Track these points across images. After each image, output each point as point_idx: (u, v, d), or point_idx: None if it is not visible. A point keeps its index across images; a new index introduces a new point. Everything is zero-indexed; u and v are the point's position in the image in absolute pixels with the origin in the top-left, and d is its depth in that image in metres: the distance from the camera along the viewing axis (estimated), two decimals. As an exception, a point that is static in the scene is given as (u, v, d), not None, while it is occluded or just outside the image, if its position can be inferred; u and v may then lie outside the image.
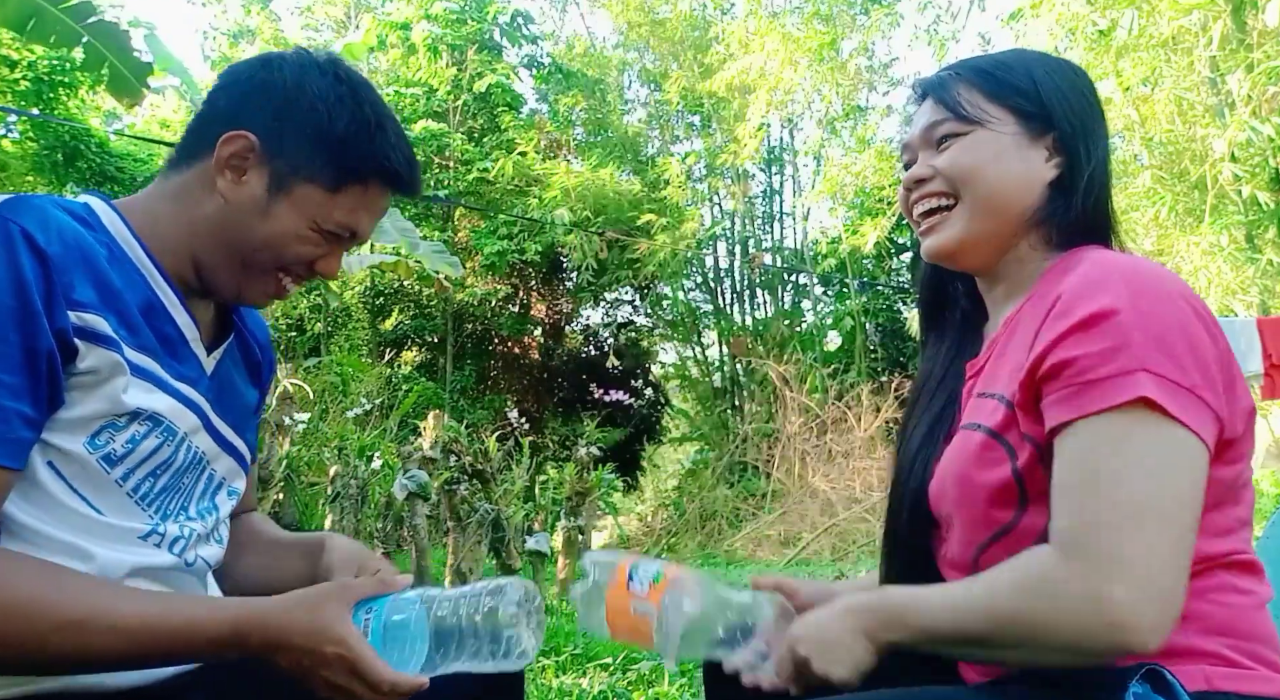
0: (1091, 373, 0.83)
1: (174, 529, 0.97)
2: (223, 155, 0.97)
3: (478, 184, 13.39)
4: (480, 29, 13.98)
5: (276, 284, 1.03)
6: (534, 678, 2.96)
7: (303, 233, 1.00)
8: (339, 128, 0.98)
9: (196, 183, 1.00)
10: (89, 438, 0.89)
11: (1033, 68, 1.01)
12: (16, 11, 4.93)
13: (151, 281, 0.97)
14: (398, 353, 13.26)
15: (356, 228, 1.03)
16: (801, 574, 7.14)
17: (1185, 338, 0.83)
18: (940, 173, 1.01)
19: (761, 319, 14.46)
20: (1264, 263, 7.24)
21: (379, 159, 1.00)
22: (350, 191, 1.00)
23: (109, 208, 0.98)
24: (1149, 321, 0.82)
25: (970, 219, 0.99)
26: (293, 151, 0.98)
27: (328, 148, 0.98)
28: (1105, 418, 0.81)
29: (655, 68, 14.70)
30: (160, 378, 0.95)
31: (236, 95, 1.01)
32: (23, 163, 9.15)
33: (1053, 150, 0.99)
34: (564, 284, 15.50)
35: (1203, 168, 7.32)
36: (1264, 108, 6.80)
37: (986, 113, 0.99)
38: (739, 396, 13.96)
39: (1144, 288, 0.85)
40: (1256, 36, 6.92)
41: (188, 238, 0.99)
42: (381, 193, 1.03)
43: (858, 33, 12.89)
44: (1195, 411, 0.81)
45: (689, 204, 13.31)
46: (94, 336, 0.87)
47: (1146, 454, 0.80)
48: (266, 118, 0.98)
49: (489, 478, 5.19)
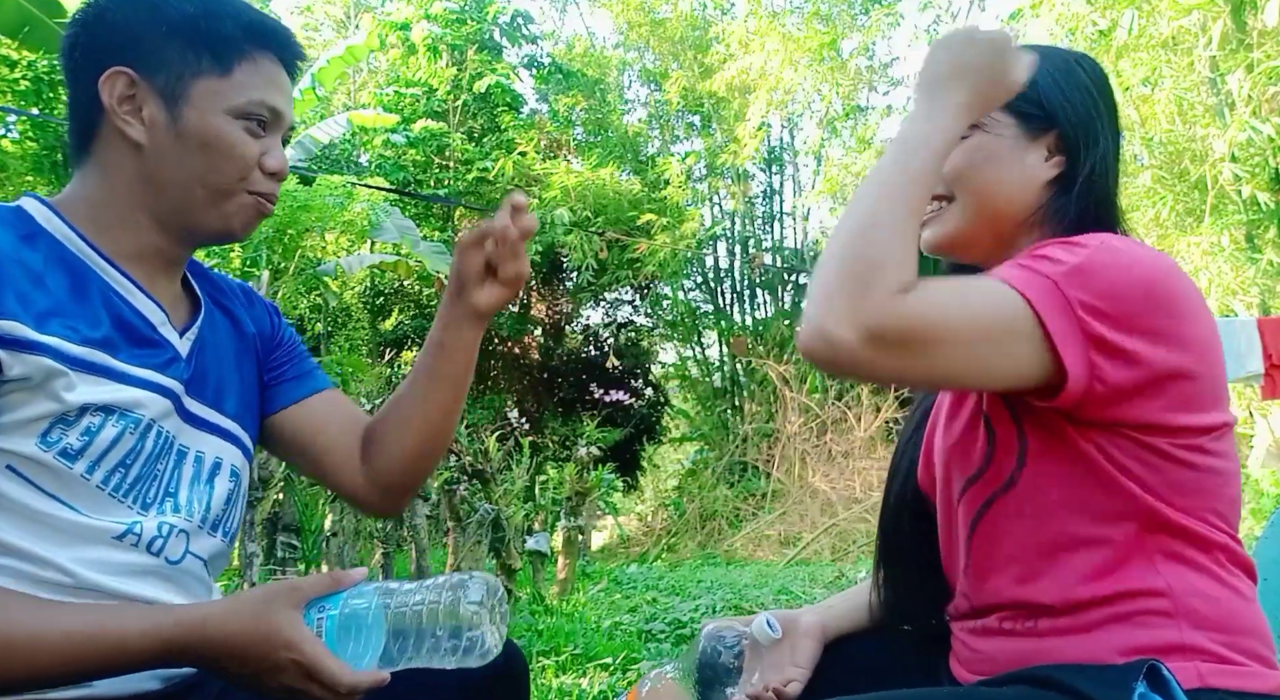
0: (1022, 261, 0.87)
1: (151, 527, 0.94)
2: (111, 103, 0.95)
3: (478, 184, 13.38)
4: (480, 29, 13.98)
5: (252, 203, 1.01)
6: (534, 678, 2.95)
7: (224, 129, 0.97)
8: (187, 11, 0.96)
9: (109, 149, 0.97)
10: (39, 437, 0.87)
11: (1035, 67, 1.00)
12: (12, 17, 4.96)
13: (99, 271, 0.95)
14: (398, 353, 13.25)
15: (269, 102, 1.00)
16: (802, 574, 7.14)
17: (1133, 286, 0.84)
18: None
19: (761, 319, 14.45)
20: (1264, 263, 7.23)
21: (243, 23, 0.99)
22: (241, 68, 0.98)
23: (44, 207, 0.96)
24: (1103, 259, 0.84)
25: (964, 217, 1.01)
26: (164, 59, 0.96)
27: (191, 36, 0.96)
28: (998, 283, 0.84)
29: (655, 68, 14.71)
30: (112, 368, 0.92)
31: (86, 44, 0.98)
32: (23, 163, 9.14)
33: (1054, 149, 0.99)
34: (564, 284, 15.49)
35: (1203, 168, 7.32)
36: (1264, 108, 6.81)
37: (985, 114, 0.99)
38: (739, 396, 13.96)
39: (1120, 246, 0.87)
40: (1256, 36, 6.92)
41: (133, 204, 0.98)
42: (270, 60, 1.01)
43: (858, 33, 12.90)
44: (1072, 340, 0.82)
45: (689, 204, 13.31)
46: (17, 344, 0.85)
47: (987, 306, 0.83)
48: (123, 44, 0.96)
49: (489, 478, 5.19)
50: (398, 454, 1.13)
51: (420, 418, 1.12)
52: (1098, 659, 0.86)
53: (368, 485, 1.15)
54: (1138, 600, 0.87)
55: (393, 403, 1.15)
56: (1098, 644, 0.87)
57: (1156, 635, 0.85)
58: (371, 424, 1.17)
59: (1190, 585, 0.86)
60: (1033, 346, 0.82)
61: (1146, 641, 0.85)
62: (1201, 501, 0.88)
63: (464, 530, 4.76)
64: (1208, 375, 0.88)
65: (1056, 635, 0.89)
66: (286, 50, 1.03)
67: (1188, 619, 0.85)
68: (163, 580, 0.96)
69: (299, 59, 1.04)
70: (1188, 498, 0.88)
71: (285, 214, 7.60)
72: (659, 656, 3.27)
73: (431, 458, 1.16)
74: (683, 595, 5.72)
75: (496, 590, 0.88)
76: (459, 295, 1.08)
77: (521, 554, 4.88)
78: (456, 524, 4.82)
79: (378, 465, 1.14)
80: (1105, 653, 0.86)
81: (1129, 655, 0.84)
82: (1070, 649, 0.88)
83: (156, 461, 0.97)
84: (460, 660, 0.87)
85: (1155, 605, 0.86)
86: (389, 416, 1.14)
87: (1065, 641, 0.89)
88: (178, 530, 0.97)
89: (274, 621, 0.83)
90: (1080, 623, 0.88)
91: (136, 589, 0.93)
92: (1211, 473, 0.88)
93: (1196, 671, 0.83)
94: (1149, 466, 0.87)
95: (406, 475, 1.15)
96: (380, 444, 1.14)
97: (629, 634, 3.89)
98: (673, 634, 4.00)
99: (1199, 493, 0.88)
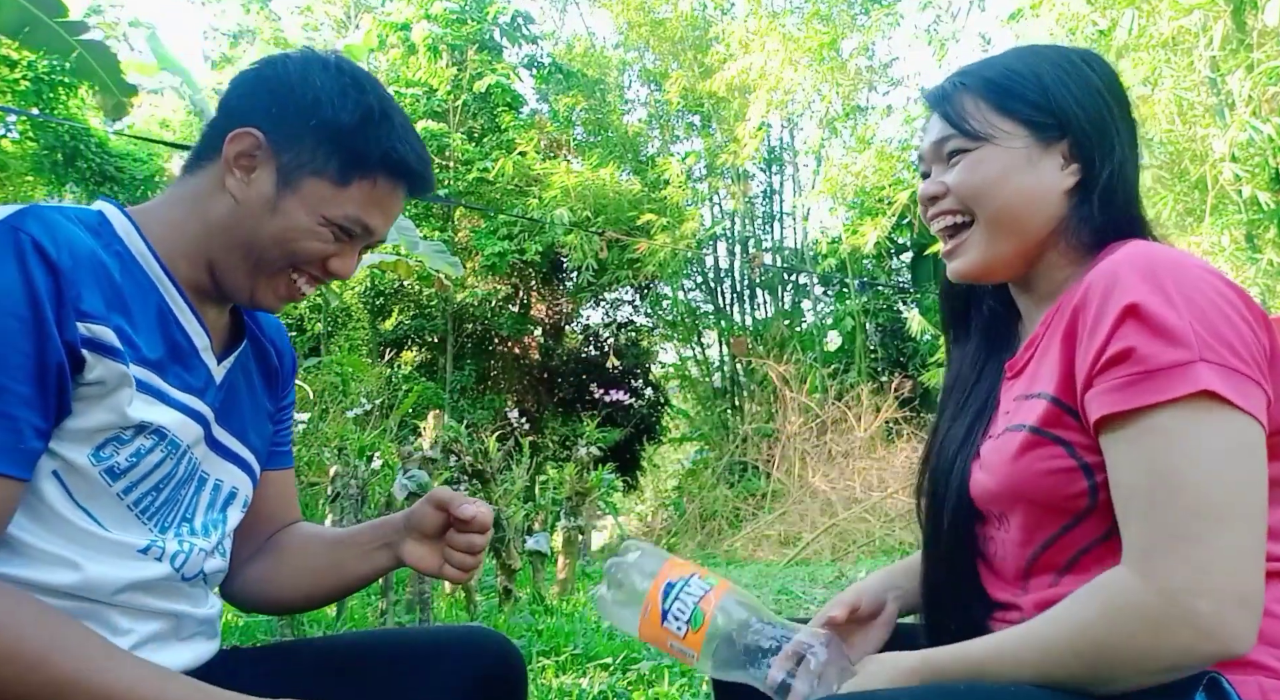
0: (1146, 363, 0.79)
1: (173, 544, 0.96)
2: (230, 154, 0.97)
3: (478, 184, 13.38)
4: (480, 29, 13.98)
5: (289, 286, 1.02)
6: (534, 678, 2.95)
7: (313, 228, 0.98)
8: (343, 119, 0.97)
9: (208, 185, 0.99)
10: (94, 450, 0.88)
11: (1043, 72, 0.97)
12: (13, 18, 4.98)
13: (163, 290, 0.97)
14: (398, 353, 13.26)
15: (368, 223, 1.01)
16: (802, 574, 7.14)
17: (1225, 319, 0.80)
18: (951, 190, 0.99)
19: (761, 319, 14.45)
20: (1264, 263, 7.23)
21: (384, 150, 0.99)
22: (359, 185, 0.99)
23: (122, 215, 0.98)
24: (1191, 307, 0.80)
25: (988, 239, 0.97)
26: (299, 146, 0.97)
27: (332, 140, 0.97)
28: (1167, 412, 0.78)
29: (655, 68, 14.70)
30: (162, 390, 0.94)
31: (242, 94, 1.01)
32: (23, 163, 9.15)
33: (1069, 156, 0.96)
34: (564, 284, 15.49)
35: (1203, 168, 7.32)
36: (1264, 108, 6.80)
37: (994, 126, 0.96)
38: (739, 396, 13.96)
39: (1172, 272, 0.82)
40: (1256, 36, 6.91)
41: (202, 241, 0.99)
42: (392, 188, 1.02)
43: (858, 33, 12.89)
44: (1253, 396, 0.78)
45: (689, 204, 13.31)
46: (101, 348, 0.87)
47: (1214, 450, 0.77)
48: (271, 113, 0.98)
49: (489, 478, 5.18)
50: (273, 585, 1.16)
51: (307, 584, 1.15)
52: None
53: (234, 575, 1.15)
54: None
55: (302, 543, 1.17)
56: None
57: None
58: (280, 538, 1.19)
59: None
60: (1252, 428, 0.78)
61: None
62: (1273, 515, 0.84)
63: (464, 530, 4.75)
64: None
65: None
66: (415, 184, 1.04)
67: None
68: (175, 594, 0.97)
69: (427, 191, 1.05)
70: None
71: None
72: (659, 656, 3.27)
73: (289, 606, 1.20)
74: (683, 595, 5.70)
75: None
76: (403, 527, 1.10)
77: (521, 554, 4.88)
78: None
79: (253, 573, 1.15)
80: None
81: None
82: None
83: (182, 487, 0.99)
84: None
85: None
86: (291, 552, 1.17)
87: None
88: (197, 549, 1.00)
89: None
90: None
91: (144, 600, 0.94)
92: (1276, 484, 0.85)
93: (1258, 687, 0.81)
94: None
95: (261, 601, 1.17)
96: (267, 563, 1.16)
97: (629, 634, 3.89)
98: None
99: (1273, 504, 0.84)
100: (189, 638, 1.01)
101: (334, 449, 6.29)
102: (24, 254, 0.82)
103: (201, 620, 1.03)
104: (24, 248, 0.83)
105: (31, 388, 0.82)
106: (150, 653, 0.92)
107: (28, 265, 0.82)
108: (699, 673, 0.97)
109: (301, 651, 1.18)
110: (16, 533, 0.86)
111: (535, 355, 15.64)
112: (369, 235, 1.03)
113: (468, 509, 1.04)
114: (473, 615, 4.19)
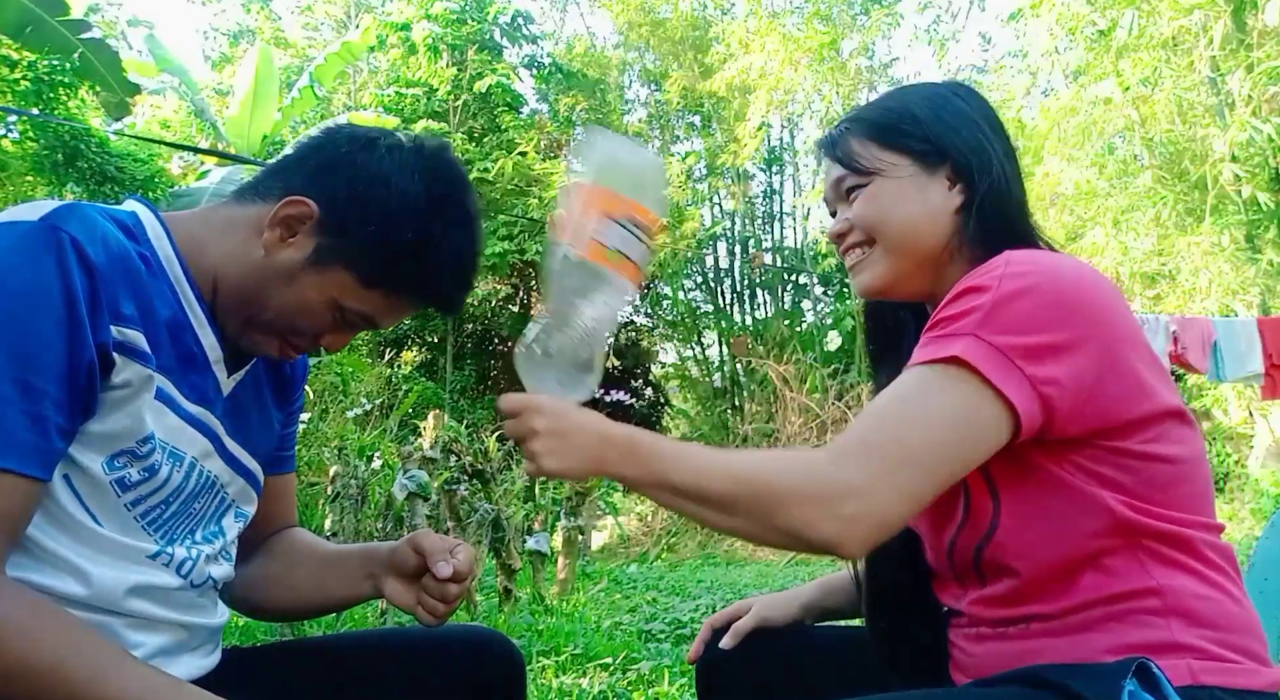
0: (937, 330, 0.90)
1: (181, 552, 0.96)
2: (280, 214, 0.96)
3: (478, 184, 13.35)
4: (480, 29, 13.98)
5: (279, 346, 1.02)
6: (534, 678, 2.95)
7: (318, 310, 0.98)
8: (397, 239, 0.96)
9: (248, 224, 0.99)
10: (108, 459, 0.88)
11: (914, 106, 1.05)
12: (15, 17, 4.98)
13: (183, 298, 0.97)
14: (398, 353, 13.25)
15: (377, 322, 1.02)
16: (802, 574, 7.14)
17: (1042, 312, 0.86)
18: (854, 224, 1.06)
19: (761, 319, 14.46)
20: (1264, 263, 7.24)
21: (420, 282, 0.99)
22: (382, 292, 0.99)
23: (155, 219, 0.97)
24: (1006, 293, 0.87)
25: (887, 258, 1.04)
26: (345, 239, 0.96)
27: (379, 250, 0.96)
28: (927, 367, 0.88)
29: (655, 68, 14.71)
30: (174, 399, 0.94)
31: (322, 161, 0.99)
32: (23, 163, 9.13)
33: (952, 178, 1.02)
34: (564, 284, 15.48)
35: (1203, 168, 7.32)
36: (1264, 108, 6.80)
37: (881, 160, 1.03)
38: (739, 396, 13.96)
39: (1024, 268, 0.89)
40: (1256, 36, 6.92)
41: (219, 268, 0.99)
42: (413, 304, 1.02)
43: (858, 33, 12.89)
44: (1012, 381, 0.84)
45: (689, 204, 13.31)
46: (131, 351, 0.87)
47: (940, 406, 0.86)
48: (336, 199, 0.97)
49: (489, 478, 5.18)
50: (259, 592, 1.15)
51: (289, 598, 1.15)
52: (1088, 658, 0.87)
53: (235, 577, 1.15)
54: (1129, 601, 0.88)
55: (293, 557, 1.17)
56: (1088, 644, 0.88)
57: (1147, 634, 0.86)
58: (273, 544, 1.18)
59: (1181, 585, 0.87)
60: (988, 404, 0.85)
61: (1137, 640, 0.86)
62: (1178, 492, 0.90)
63: (464, 530, 4.75)
64: (1145, 361, 0.90)
65: (1048, 636, 0.90)
66: (434, 305, 1.04)
67: (1179, 617, 0.86)
68: (181, 603, 0.97)
69: (451, 315, 1.07)
70: (1164, 491, 0.89)
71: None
72: (659, 656, 3.27)
73: (273, 616, 1.21)
74: (683, 595, 5.72)
75: None
76: (386, 562, 1.09)
77: (521, 554, 4.88)
78: (456, 524, 4.82)
79: (242, 576, 1.14)
80: (1096, 652, 0.87)
81: (1119, 654, 0.85)
82: (1061, 649, 0.89)
83: (194, 500, 0.98)
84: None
85: (1146, 605, 0.87)
86: (280, 563, 1.16)
87: (1056, 642, 0.90)
88: (204, 555, 0.99)
89: None
90: (1071, 623, 0.89)
91: (153, 611, 0.94)
92: (1179, 462, 0.90)
93: (1188, 669, 0.84)
94: (1121, 468, 0.88)
95: (248, 607, 1.17)
96: (255, 568, 1.16)
97: (629, 634, 3.89)
98: (673, 634, 4.00)
99: (1174, 484, 0.90)
100: (198, 648, 1.01)
101: (334, 449, 6.29)
102: (64, 252, 0.82)
103: (214, 630, 1.03)
104: (64, 246, 0.82)
105: (62, 389, 0.81)
106: (161, 665, 0.92)
107: (67, 265, 0.82)
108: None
109: (302, 651, 1.18)
110: (30, 531, 0.86)
111: (535, 355, 15.62)
112: (369, 328, 1.04)
113: (443, 568, 1.03)
114: (473, 615, 4.19)
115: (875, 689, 0.89)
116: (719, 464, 0.87)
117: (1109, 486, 0.88)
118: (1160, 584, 0.87)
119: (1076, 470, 0.89)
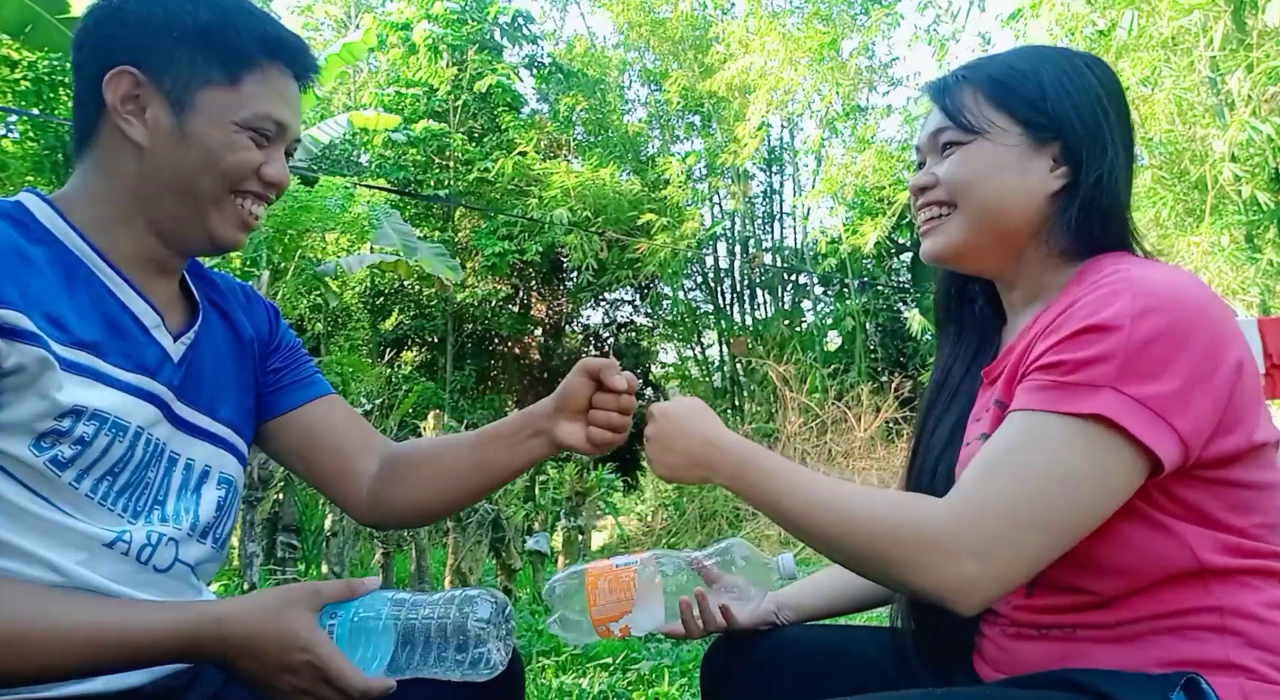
0: (1066, 377, 0.82)
1: (140, 535, 0.94)
2: (114, 102, 0.95)
3: (478, 184, 13.38)
4: (481, 29, 13.96)
5: (238, 212, 1.00)
6: (534, 678, 2.96)
7: (229, 139, 0.96)
8: (202, 19, 0.95)
9: (109, 147, 0.97)
10: (33, 441, 0.86)
11: (1044, 73, 0.97)
12: (15, 16, 4.97)
13: (97, 271, 0.95)
14: (398, 353, 13.25)
15: (276, 116, 0.99)
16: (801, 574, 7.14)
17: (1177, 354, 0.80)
18: (941, 182, 1.00)
19: (761, 319, 14.45)
20: (1264, 263, 7.23)
21: (257, 35, 0.98)
22: (250, 80, 0.97)
23: (43, 203, 0.96)
24: (1140, 338, 0.80)
25: (964, 227, 0.98)
26: (174, 65, 0.95)
27: (203, 44, 0.95)
28: (1060, 419, 0.81)
29: (655, 68, 14.70)
30: (101, 371, 0.92)
31: (93, 44, 0.98)
32: (23, 163, 9.14)
33: (1059, 159, 0.96)
34: (564, 284, 15.49)
35: (1203, 168, 7.32)
36: (1264, 108, 6.80)
37: (990, 122, 0.97)
38: (739, 396, 13.96)
39: (1151, 302, 0.82)
40: (1256, 36, 6.91)
41: (131, 204, 0.97)
42: (281, 72, 1.00)
43: (858, 33, 12.88)
44: (1159, 433, 0.79)
45: (689, 204, 13.31)
46: (14, 334, 0.85)
47: (1077, 467, 0.80)
48: (131, 45, 0.95)
49: (489, 478, 5.19)
50: (414, 499, 1.15)
51: (453, 488, 1.15)
52: (1135, 668, 0.83)
53: (369, 503, 1.15)
54: (1186, 616, 0.84)
55: (432, 452, 1.17)
56: (1138, 653, 0.84)
57: (1201, 650, 0.83)
58: (402, 454, 1.17)
59: (1242, 604, 0.84)
60: (1130, 458, 0.80)
61: (1190, 655, 0.83)
62: (1260, 518, 0.86)
63: (464, 530, 4.75)
64: (1251, 391, 0.85)
65: (1094, 642, 0.87)
66: (299, 63, 1.02)
67: (1237, 637, 0.83)
68: (149, 586, 0.95)
69: (313, 72, 1.04)
70: (1245, 516, 0.85)
71: (285, 214, 7.60)
72: (659, 656, 3.27)
73: (441, 514, 1.19)
74: (683, 595, 5.70)
75: (505, 607, 0.90)
76: (554, 410, 1.11)
77: (521, 554, 4.88)
78: (456, 524, 4.82)
79: (389, 495, 1.15)
80: (1145, 663, 0.83)
81: (1169, 667, 0.82)
82: (1106, 655, 0.85)
83: (146, 469, 0.96)
84: (465, 673, 0.88)
85: (1204, 621, 0.84)
86: (423, 464, 1.16)
87: (1102, 648, 0.86)
88: (167, 539, 0.97)
89: (292, 623, 0.83)
90: (1122, 633, 0.86)
91: (125, 592, 0.92)
92: (1263, 488, 0.86)
93: (1240, 689, 0.80)
94: (1209, 494, 0.84)
95: (409, 517, 1.18)
96: (400, 481, 1.15)
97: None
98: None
99: (1255, 509, 0.86)
100: None
101: (334, 449, 6.26)
102: None
103: None
104: None
105: None
106: None
107: None
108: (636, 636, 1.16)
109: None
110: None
111: (535, 355, 15.64)
112: (284, 131, 1.01)
113: (619, 380, 1.10)
114: (473, 615, 4.19)
115: (882, 688, 0.88)
116: (829, 499, 0.85)
117: (1192, 516, 0.84)
118: (1221, 602, 0.83)
119: (1164, 496, 0.84)
